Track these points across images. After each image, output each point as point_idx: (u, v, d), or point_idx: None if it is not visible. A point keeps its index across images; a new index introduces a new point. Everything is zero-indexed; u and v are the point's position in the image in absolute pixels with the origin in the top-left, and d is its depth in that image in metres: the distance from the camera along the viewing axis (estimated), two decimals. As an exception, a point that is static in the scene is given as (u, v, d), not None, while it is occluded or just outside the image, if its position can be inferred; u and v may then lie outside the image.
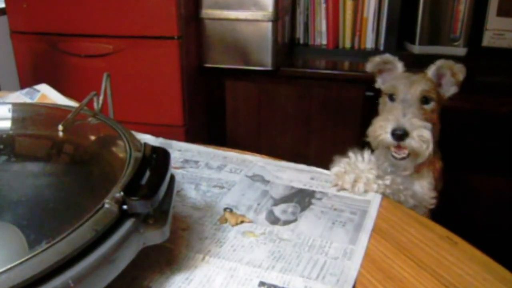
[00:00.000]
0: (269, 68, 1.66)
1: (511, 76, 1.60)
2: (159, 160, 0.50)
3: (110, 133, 0.56)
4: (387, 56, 0.96)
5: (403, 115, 0.85)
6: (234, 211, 0.62)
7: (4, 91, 1.00)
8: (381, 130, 0.87)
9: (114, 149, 0.53)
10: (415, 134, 0.83)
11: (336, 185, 0.69)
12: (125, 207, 0.42)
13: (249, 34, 1.62)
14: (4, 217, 0.44)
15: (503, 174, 1.59)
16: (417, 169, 0.91)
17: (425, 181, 0.92)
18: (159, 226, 0.44)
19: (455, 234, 0.58)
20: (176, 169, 0.72)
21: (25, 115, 0.62)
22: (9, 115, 0.61)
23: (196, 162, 0.75)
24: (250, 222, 0.60)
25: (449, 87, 0.93)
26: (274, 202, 0.64)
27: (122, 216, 0.42)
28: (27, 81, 1.63)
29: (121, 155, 0.50)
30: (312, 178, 0.71)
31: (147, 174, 0.46)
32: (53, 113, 0.63)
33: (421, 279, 0.50)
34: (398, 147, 0.86)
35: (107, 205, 0.41)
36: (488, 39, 1.70)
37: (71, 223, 0.39)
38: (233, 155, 0.77)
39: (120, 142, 0.52)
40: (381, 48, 1.83)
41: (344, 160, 0.71)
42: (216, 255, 0.53)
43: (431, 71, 0.92)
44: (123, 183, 0.43)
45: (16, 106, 0.63)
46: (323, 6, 1.82)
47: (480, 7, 1.67)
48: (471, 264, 0.53)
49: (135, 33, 1.54)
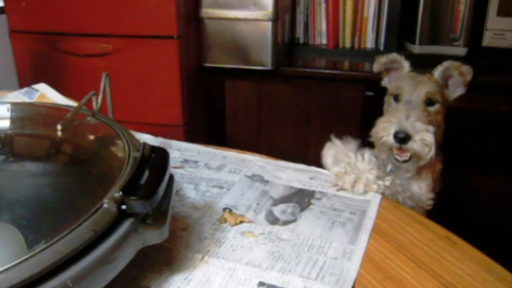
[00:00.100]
0: (269, 67, 1.66)
1: (511, 76, 1.60)
2: (158, 160, 0.49)
3: (109, 132, 0.55)
4: (394, 56, 0.96)
5: (406, 117, 0.85)
6: (234, 211, 0.62)
7: (3, 90, 1.00)
8: (383, 132, 0.87)
9: (113, 148, 0.53)
10: (417, 137, 0.83)
11: (336, 185, 0.69)
12: (124, 207, 0.42)
13: (249, 34, 1.62)
14: (2, 217, 0.44)
15: (503, 174, 1.59)
16: (417, 171, 0.91)
17: (424, 182, 0.91)
18: (158, 226, 0.44)
19: (455, 234, 0.58)
20: (175, 169, 0.72)
21: (24, 114, 0.62)
22: (8, 114, 0.61)
23: (196, 162, 0.75)
24: (250, 222, 0.59)
25: (456, 88, 0.92)
26: (273, 202, 0.64)
27: (121, 216, 0.42)
28: (26, 80, 1.63)
29: (120, 154, 0.50)
30: (312, 178, 0.71)
31: (146, 174, 0.46)
32: (52, 112, 0.63)
33: (420, 279, 0.50)
34: (401, 149, 0.86)
35: (105, 205, 0.41)
36: (488, 39, 1.69)
37: (70, 223, 0.38)
38: (232, 154, 0.77)
39: (119, 142, 0.52)
40: (381, 48, 1.83)
41: (345, 161, 0.71)
42: (215, 255, 0.53)
43: (438, 72, 0.91)
44: (122, 183, 0.43)
45: (15, 105, 0.63)
46: (323, 5, 1.82)
47: (480, 7, 1.67)
48: (471, 264, 0.53)
49: (135, 33, 1.53)
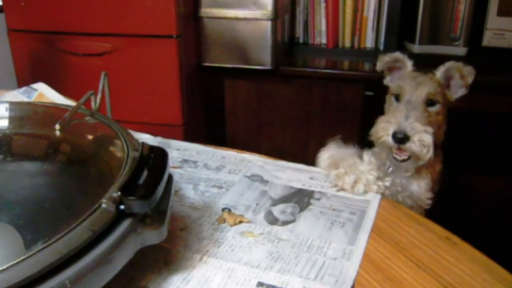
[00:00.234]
0: (268, 67, 1.65)
1: (511, 76, 1.60)
2: (156, 159, 0.49)
3: (107, 132, 0.55)
4: (397, 55, 0.96)
5: (405, 118, 0.85)
6: (233, 211, 0.62)
7: (1, 89, 1.00)
8: (383, 131, 0.87)
9: (112, 148, 0.53)
10: (416, 138, 0.83)
11: (336, 186, 0.68)
12: (122, 207, 0.42)
13: (248, 33, 1.62)
14: (0, 216, 0.44)
15: (503, 174, 1.59)
16: (417, 170, 0.91)
17: (423, 181, 0.92)
18: (156, 226, 0.44)
19: (454, 234, 0.58)
20: (174, 169, 0.72)
21: (22, 114, 0.62)
22: (6, 114, 0.61)
23: (195, 162, 0.75)
24: (249, 222, 0.59)
25: (458, 89, 0.92)
26: (272, 202, 0.64)
27: (119, 216, 0.41)
28: (24, 79, 1.62)
29: (118, 154, 0.50)
30: (311, 178, 0.71)
31: (145, 173, 0.46)
32: (51, 112, 0.63)
33: (420, 279, 0.50)
34: (399, 149, 0.86)
35: (104, 205, 0.41)
36: (488, 39, 1.69)
37: (68, 223, 0.38)
38: (232, 154, 0.77)
39: (118, 142, 0.52)
40: (381, 47, 1.83)
41: (343, 164, 0.71)
42: (214, 255, 0.52)
43: (440, 72, 0.91)
44: (120, 183, 0.43)
45: (13, 105, 0.63)
46: (323, 5, 1.81)
47: (480, 6, 1.66)
48: (471, 264, 0.52)
49: (134, 32, 1.53)
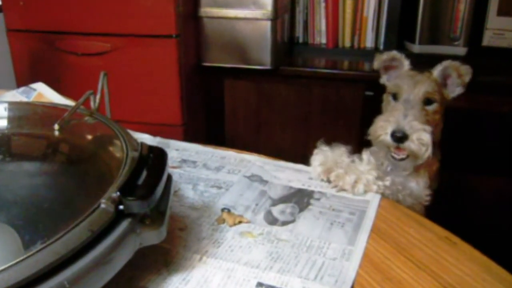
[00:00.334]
0: (268, 67, 1.65)
1: (511, 76, 1.60)
2: (156, 159, 0.49)
3: (106, 132, 0.55)
4: (394, 53, 0.96)
5: (404, 116, 0.85)
6: (232, 211, 0.61)
7: (0, 89, 1.00)
8: (381, 130, 0.87)
9: (111, 148, 0.53)
10: (414, 137, 0.84)
11: (336, 186, 0.68)
12: (121, 207, 0.41)
13: (248, 33, 1.62)
14: (-1, 217, 0.44)
15: (503, 174, 1.59)
16: (415, 168, 0.91)
17: (421, 179, 0.92)
18: (156, 227, 0.44)
19: (454, 234, 0.58)
20: (174, 169, 0.72)
21: (21, 114, 0.61)
22: (5, 114, 0.61)
23: (194, 162, 0.74)
24: (248, 222, 0.59)
25: (455, 87, 0.93)
26: (272, 203, 0.64)
27: (119, 216, 0.41)
28: (23, 79, 1.62)
29: (117, 154, 0.50)
30: (311, 178, 0.71)
31: (144, 174, 0.46)
32: (50, 112, 0.62)
33: (420, 280, 0.50)
34: (398, 148, 0.86)
35: (103, 205, 0.41)
36: (488, 39, 1.69)
37: (67, 223, 0.38)
38: (231, 154, 0.77)
39: (117, 142, 0.52)
40: (381, 47, 1.83)
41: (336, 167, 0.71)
42: (214, 255, 0.52)
43: (437, 71, 0.91)
44: (119, 183, 0.43)
45: (12, 105, 0.63)
46: (323, 4, 1.81)
47: (480, 6, 1.66)
48: (471, 264, 0.52)
49: (133, 32, 1.53)
